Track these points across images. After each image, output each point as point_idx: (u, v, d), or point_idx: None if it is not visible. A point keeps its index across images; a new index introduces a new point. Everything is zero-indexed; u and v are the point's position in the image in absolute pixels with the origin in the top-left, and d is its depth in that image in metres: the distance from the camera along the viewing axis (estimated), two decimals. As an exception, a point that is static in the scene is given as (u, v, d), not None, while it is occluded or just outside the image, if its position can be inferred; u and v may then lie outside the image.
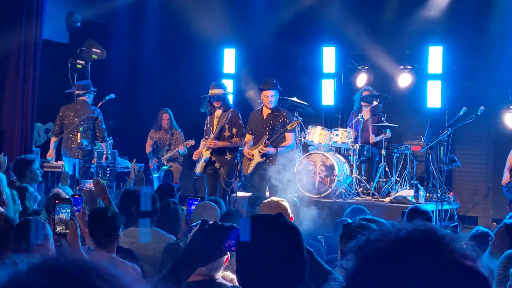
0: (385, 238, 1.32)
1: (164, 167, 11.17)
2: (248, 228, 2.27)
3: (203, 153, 9.42)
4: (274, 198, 5.15)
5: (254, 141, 9.65)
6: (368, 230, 1.38)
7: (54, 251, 4.00)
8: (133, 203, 5.84)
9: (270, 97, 9.48)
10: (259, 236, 2.25)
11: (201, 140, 9.78)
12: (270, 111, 9.55)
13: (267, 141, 9.31)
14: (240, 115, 9.50)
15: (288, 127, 9.26)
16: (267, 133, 9.45)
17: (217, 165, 9.35)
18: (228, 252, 2.45)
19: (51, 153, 10.09)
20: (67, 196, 5.84)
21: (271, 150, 9.31)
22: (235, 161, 9.38)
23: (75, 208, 4.73)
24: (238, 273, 2.31)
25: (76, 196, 5.33)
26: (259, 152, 9.38)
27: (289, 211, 4.88)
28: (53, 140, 10.18)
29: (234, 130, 9.33)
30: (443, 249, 1.29)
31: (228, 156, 9.35)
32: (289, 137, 9.50)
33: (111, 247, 4.47)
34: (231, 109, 9.42)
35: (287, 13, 12.84)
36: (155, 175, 11.37)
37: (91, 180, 6.49)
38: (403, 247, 1.30)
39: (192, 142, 11.03)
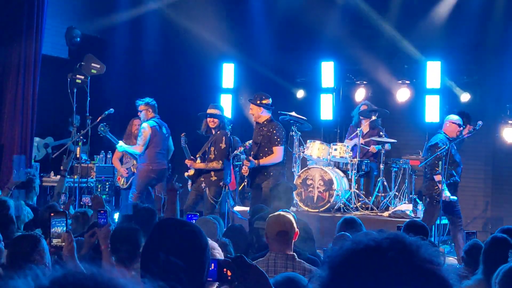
0: (357, 247, 1.39)
1: (133, 176, 10.91)
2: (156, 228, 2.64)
3: (190, 171, 9.52)
4: (281, 212, 5.19)
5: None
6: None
7: (50, 265, 4.01)
8: (132, 218, 5.84)
9: (251, 111, 9.55)
10: (167, 237, 2.56)
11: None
12: (259, 125, 9.51)
13: (249, 157, 9.31)
14: (225, 138, 9.32)
15: None
16: (257, 145, 9.44)
17: (203, 185, 9.37)
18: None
19: None
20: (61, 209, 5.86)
21: (253, 163, 9.26)
22: (221, 182, 9.29)
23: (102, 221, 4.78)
24: (142, 265, 2.60)
25: (101, 212, 5.37)
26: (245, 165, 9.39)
27: (295, 224, 4.92)
28: None
29: (215, 153, 9.32)
30: (408, 254, 1.36)
31: (213, 178, 9.31)
32: (276, 150, 9.37)
33: (131, 265, 4.42)
34: (219, 131, 9.38)
35: (286, 28, 12.91)
36: (123, 187, 10.91)
37: (89, 196, 6.53)
38: (372, 255, 1.37)
39: None
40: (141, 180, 10.11)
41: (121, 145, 10.26)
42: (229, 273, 2.51)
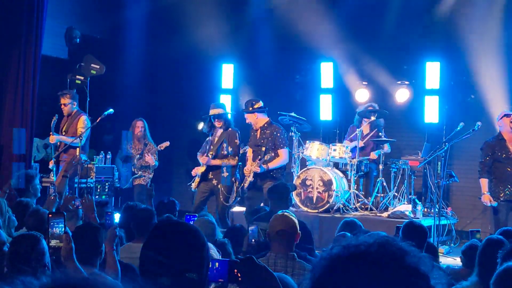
0: (346, 252, 1.39)
1: (136, 176, 10.89)
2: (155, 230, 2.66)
3: (199, 169, 9.51)
4: (285, 213, 5.24)
5: (252, 156, 9.71)
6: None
7: (50, 266, 4.02)
8: (132, 218, 5.86)
9: (248, 120, 9.64)
10: (165, 237, 2.59)
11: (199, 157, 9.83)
12: (260, 129, 9.59)
13: (258, 162, 9.35)
14: (238, 134, 9.54)
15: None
16: (261, 150, 9.48)
17: (214, 182, 9.41)
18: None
19: None
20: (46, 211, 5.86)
21: (263, 167, 9.34)
22: (233, 178, 9.41)
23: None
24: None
25: (108, 213, 5.38)
26: (253, 170, 9.43)
27: (297, 226, 4.95)
28: None
29: (230, 149, 9.40)
30: (395, 262, 1.35)
31: (225, 174, 9.41)
32: (282, 153, 9.47)
33: (93, 262, 4.49)
34: (230, 128, 9.48)
35: (285, 28, 12.91)
36: (124, 187, 10.95)
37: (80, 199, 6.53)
38: (360, 260, 1.36)
39: (166, 144, 10.84)
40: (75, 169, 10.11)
41: (55, 136, 10.11)
42: (240, 274, 2.53)
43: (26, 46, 10.45)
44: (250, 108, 9.54)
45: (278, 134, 9.45)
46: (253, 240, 5.55)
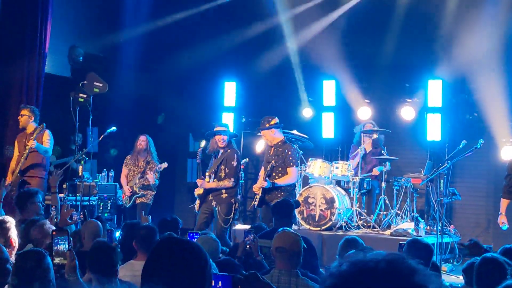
0: (354, 268, 1.39)
1: (137, 195, 10.74)
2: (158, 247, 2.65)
3: (198, 190, 9.47)
4: (287, 229, 5.25)
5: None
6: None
7: (54, 282, 4.02)
8: (133, 236, 5.85)
9: (263, 137, 9.64)
10: (168, 254, 2.57)
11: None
12: (274, 146, 9.60)
13: (264, 176, 9.34)
14: (236, 156, 9.42)
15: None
16: (268, 167, 9.48)
17: (213, 203, 9.35)
18: None
19: None
20: (52, 228, 5.86)
21: (270, 183, 9.32)
22: (232, 199, 9.33)
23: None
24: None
25: (109, 231, 5.38)
26: (260, 186, 9.40)
27: (298, 243, 4.95)
28: None
29: (227, 171, 9.34)
30: (403, 280, 1.36)
31: (224, 195, 9.32)
32: (291, 171, 9.46)
33: (108, 281, 4.48)
34: (229, 150, 9.42)
35: (286, 46, 12.97)
36: (127, 206, 10.76)
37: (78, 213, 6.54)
38: (369, 277, 1.37)
39: (165, 165, 10.68)
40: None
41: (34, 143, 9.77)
42: None
43: (30, 64, 10.51)
44: (267, 125, 9.53)
45: (290, 153, 9.46)
46: (247, 246, 5.56)
